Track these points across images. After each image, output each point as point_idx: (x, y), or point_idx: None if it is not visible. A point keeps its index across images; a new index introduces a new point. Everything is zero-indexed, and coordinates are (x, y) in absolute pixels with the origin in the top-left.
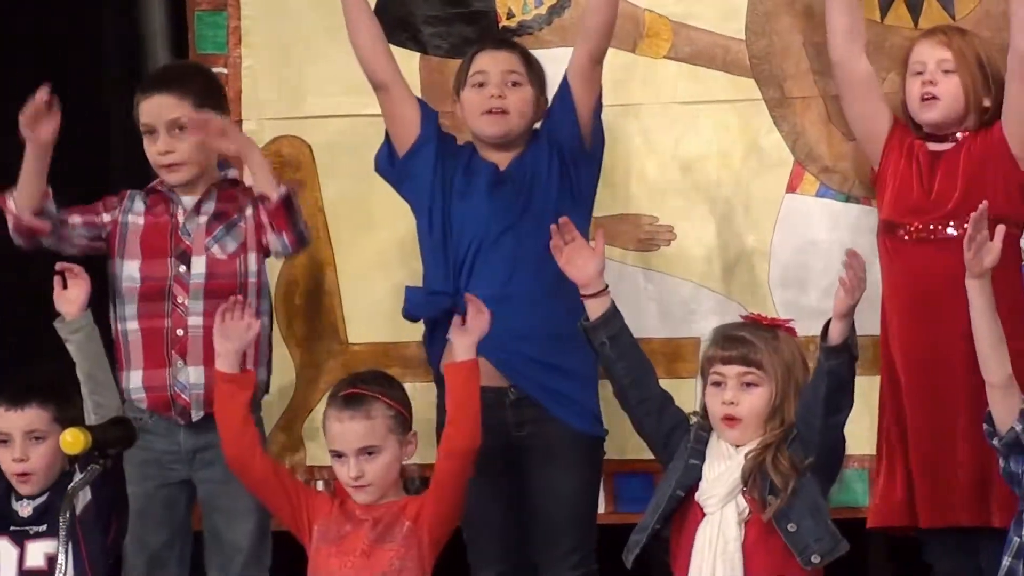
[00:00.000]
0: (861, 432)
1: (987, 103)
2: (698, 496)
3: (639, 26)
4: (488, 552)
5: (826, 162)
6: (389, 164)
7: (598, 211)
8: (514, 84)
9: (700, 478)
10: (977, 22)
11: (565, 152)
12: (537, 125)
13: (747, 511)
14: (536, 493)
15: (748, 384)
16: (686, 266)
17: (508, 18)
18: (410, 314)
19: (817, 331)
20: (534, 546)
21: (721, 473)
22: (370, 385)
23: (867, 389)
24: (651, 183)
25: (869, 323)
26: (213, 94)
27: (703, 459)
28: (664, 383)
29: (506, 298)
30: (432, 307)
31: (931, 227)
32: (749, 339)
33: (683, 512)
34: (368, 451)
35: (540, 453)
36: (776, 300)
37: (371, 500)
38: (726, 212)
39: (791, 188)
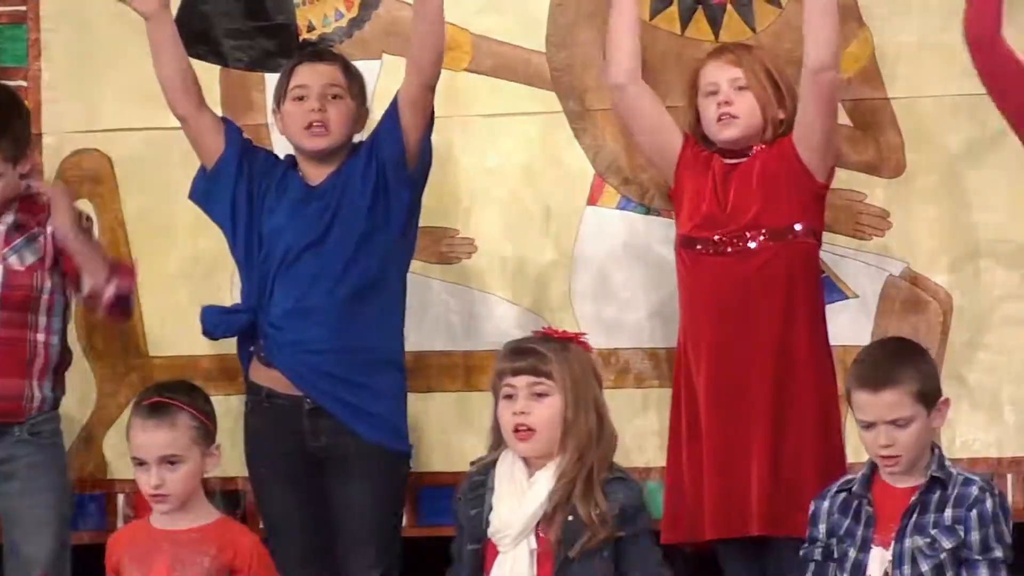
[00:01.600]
0: (664, 444)
1: (781, 115)
2: (491, 533)
3: None
4: (291, 558)
5: (627, 174)
6: (198, 190)
7: None
8: (334, 97)
9: (487, 522)
10: (777, 34)
11: (387, 170)
12: (359, 137)
13: (537, 550)
14: (336, 505)
15: (539, 394)
16: (487, 279)
17: (308, 31)
18: (208, 333)
19: (618, 343)
20: (337, 557)
21: (515, 509)
22: (175, 395)
23: (665, 401)
24: (452, 196)
25: (664, 336)
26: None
27: (485, 503)
28: (464, 396)
29: (302, 312)
30: (228, 326)
31: (729, 240)
32: (539, 350)
33: (486, 548)
34: (170, 460)
35: (338, 465)
36: (577, 312)
37: (170, 510)
38: (527, 224)
39: (592, 200)
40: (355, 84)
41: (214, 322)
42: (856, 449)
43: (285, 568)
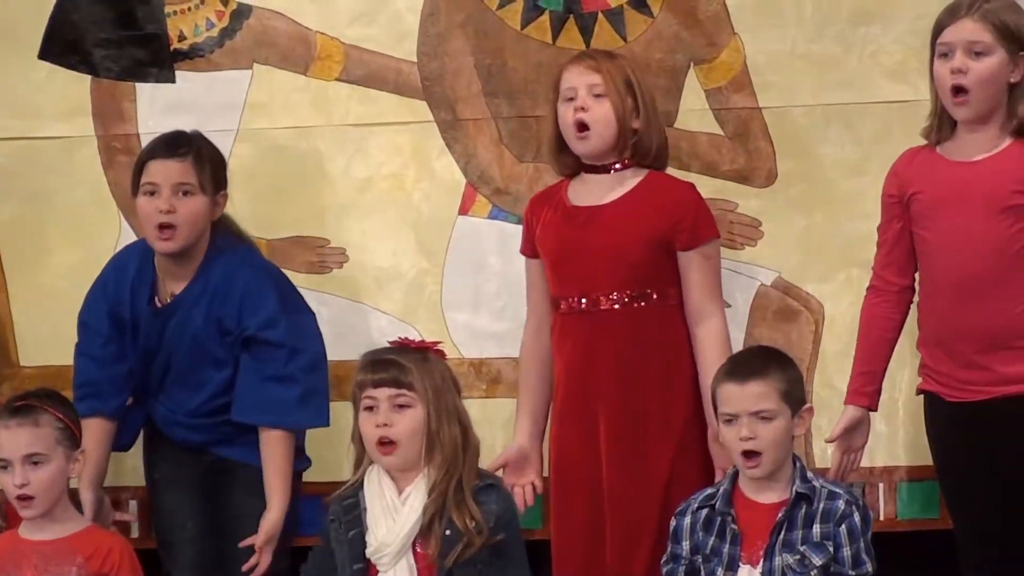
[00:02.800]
0: None
1: (636, 125)
2: (369, 554)
3: (311, 48)
4: (182, 565)
5: (498, 184)
6: None
7: (269, 233)
8: (185, 194)
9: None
10: (648, 43)
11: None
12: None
13: (416, 566)
14: (231, 518)
15: (401, 406)
16: (359, 288)
17: (180, 40)
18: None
19: (490, 353)
20: (227, 565)
21: (390, 528)
22: (40, 399)
23: None
24: (324, 205)
25: None
26: None
27: (362, 524)
28: (337, 406)
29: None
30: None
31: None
32: (399, 361)
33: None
34: (34, 459)
35: (231, 476)
36: (449, 322)
37: (36, 515)
38: (399, 234)
39: (463, 210)
40: (207, 175)
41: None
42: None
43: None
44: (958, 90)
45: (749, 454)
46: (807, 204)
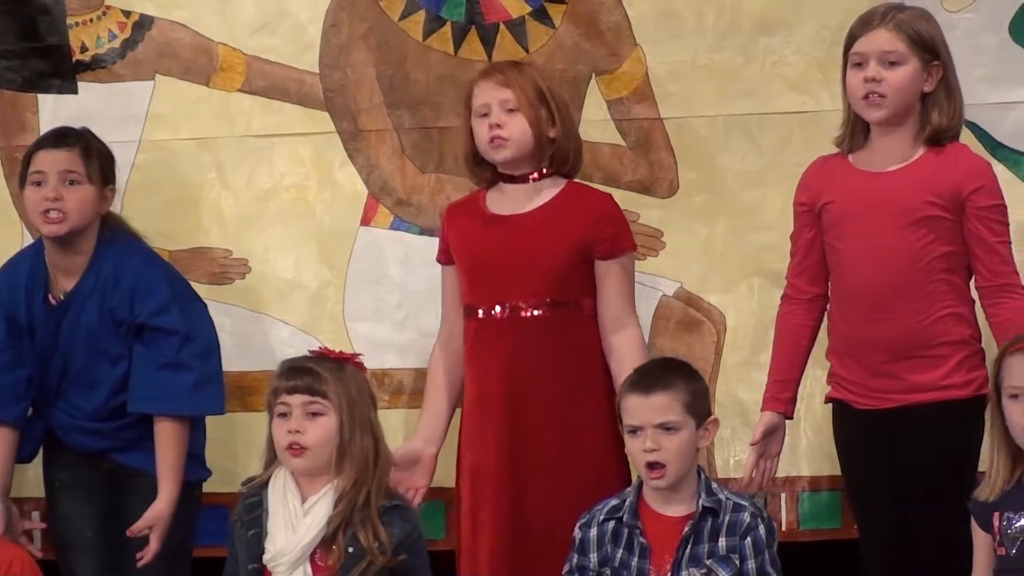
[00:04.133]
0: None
1: (553, 134)
2: (266, 560)
3: (213, 60)
4: (80, 573)
5: (400, 195)
6: None
7: (172, 244)
8: (71, 183)
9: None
10: (550, 54)
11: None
12: None
13: None
14: (129, 525)
15: (313, 413)
16: (261, 299)
17: (82, 52)
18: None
19: (391, 364)
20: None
21: (289, 537)
22: None
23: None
24: (226, 216)
25: None
26: None
27: (262, 525)
28: (239, 416)
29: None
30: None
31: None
32: (315, 370)
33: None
34: None
35: (130, 485)
36: (351, 332)
37: None
38: (301, 245)
39: (365, 221)
40: (95, 165)
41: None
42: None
43: None
44: (872, 97)
45: (653, 465)
46: (709, 214)
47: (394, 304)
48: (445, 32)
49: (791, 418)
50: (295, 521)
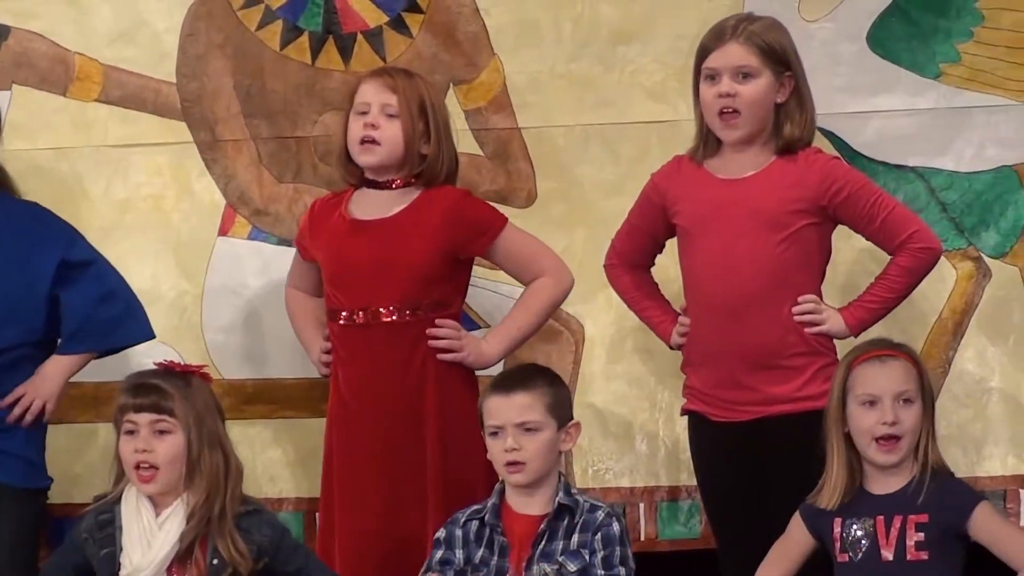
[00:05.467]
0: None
1: (425, 150)
2: None
3: (70, 69)
4: None
5: (257, 205)
6: None
7: None
8: None
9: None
10: (407, 64)
11: None
12: None
13: None
14: None
15: (161, 432)
16: None
17: None
18: None
19: (249, 374)
20: None
21: (144, 552)
22: None
23: (297, 430)
24: (83, 226)
25: (295, 367)
26: None
27: (116, 543)
28: (96, 427)
29: None
30: None
31: None
32: (161, 387)
33: None
34: None
35: None
36: (209, 343)
37: None
38: (159, 255)
39: (223, 231)
40: None
41: None
42: None
43: None
44: (727, 113)
45: (513, 463)
46: (567, 224)
47: (251, 314)
48: (302, 42)
49: None
50: (150, 537)
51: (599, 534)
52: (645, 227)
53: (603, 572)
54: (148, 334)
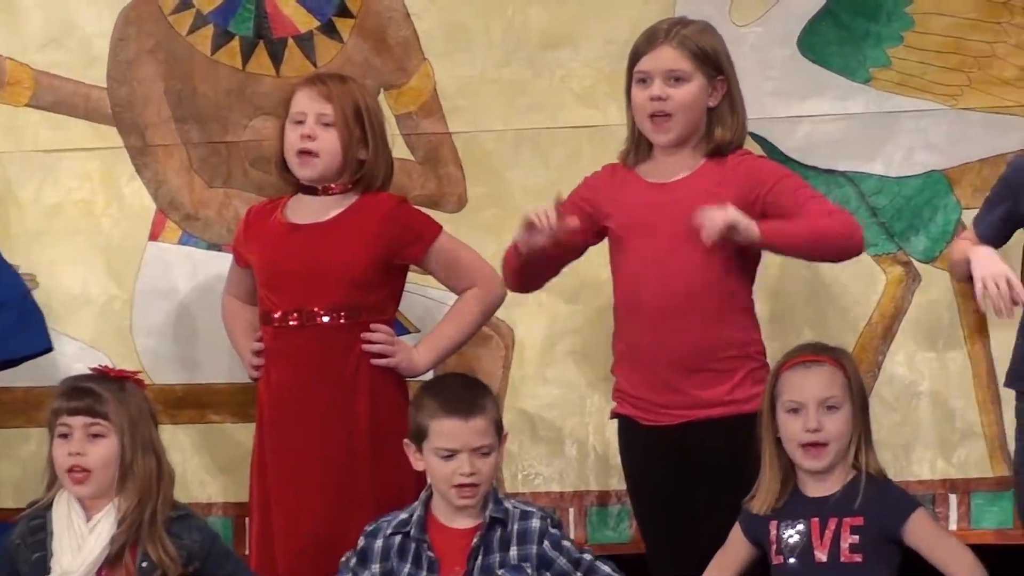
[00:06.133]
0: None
1: (363, 156)
2: None
3: (0, 74)
4: None
5: (188, 210)
6: None
7: None
8: None
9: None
10: (338, 69)
11: None
12: None
13: None
14: None
15: (95, 435)
16: (48, 314)
17: None
18: None
19: (179, 379)
20: None
21: (75, 555)
22: None
23: (224, 436)
24: (13, 231)
25: (223, 372)
26: None
27: (47, 548)
28: (27, 432)
29: None
30: None
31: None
32: (95, 390)
33: None
34: None
35: None
36: (139, 348)
37: None
38: (89, 260)
39: (153, 236)
40: None
41: None
42: None
43: None
44: (659, 117)
45: (469, 486)
46: (498, 229)
47: (182, 319)
48: (233, 47)
49: None
50: (80, 540)
51: (546, 541)
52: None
53: (585, 556)
54: (42, 345)
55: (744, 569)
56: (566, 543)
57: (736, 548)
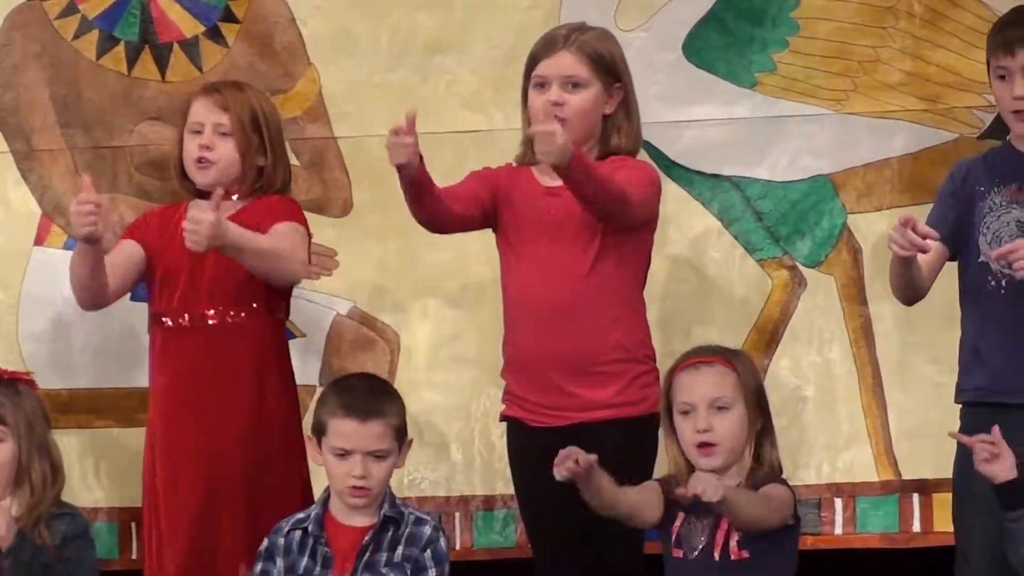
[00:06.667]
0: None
1: (261, 162)
2: None
3: None
4: None
5: None
6: None
7: None
8: None
9: None
10: (224, 74)
11: None
12: None
13: None
14: None
15: None
16: None
17: None
18: None
19: (65, 383)
20: None
21: None
22: None
23: (111, 441)
24: None
25: (109, 376)
26: None
27: None
28: None
29: None
30: None
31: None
32: None
33: None
34: None
35: None
36: (25, 353)
37: None
38: None
39: (39, 241)
40: None
41: None
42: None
43: None
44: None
45: (361, 488)
46: (383, 234)
47: (68, 323)
48: (119, 52)
49: None
50: None
51: (429, 550)
52: (474, 186)
53: None
54: None
55: (649, 504)
56: (446, 565)
57: (651, 492)
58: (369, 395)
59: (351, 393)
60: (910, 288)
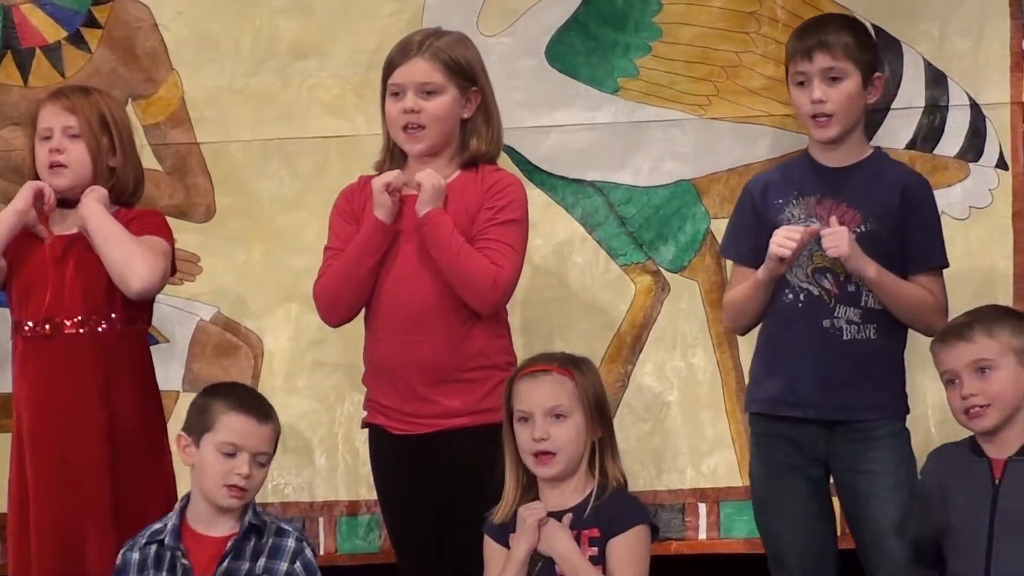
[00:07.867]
0: None
1: (113, 163)
2: None
3: None
4: None
5: None
6: None
7: None
8: None
9: None
10: (87, 79)
11: None
12: None
13: None
14: None
15: None
16: None
17: None
18: None
19: None
20: None
21: None
22: None
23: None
24: None
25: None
26: None
27: None
28: None
29: None
30: None
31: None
32: None
33: None
34: None
35: None
36: None
37: None
38: None
39: None
40: None
41: None
42: None
43: None
44: (412, 128)
45: (238, 488)
46: (246, 239)
47: None
48: None
49: None
50: None
51: (298, 562)
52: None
53: None
54: None
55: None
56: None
57: (496, 559)
58: (262, 399)
59: (244, 393)
60: (759, 312)
